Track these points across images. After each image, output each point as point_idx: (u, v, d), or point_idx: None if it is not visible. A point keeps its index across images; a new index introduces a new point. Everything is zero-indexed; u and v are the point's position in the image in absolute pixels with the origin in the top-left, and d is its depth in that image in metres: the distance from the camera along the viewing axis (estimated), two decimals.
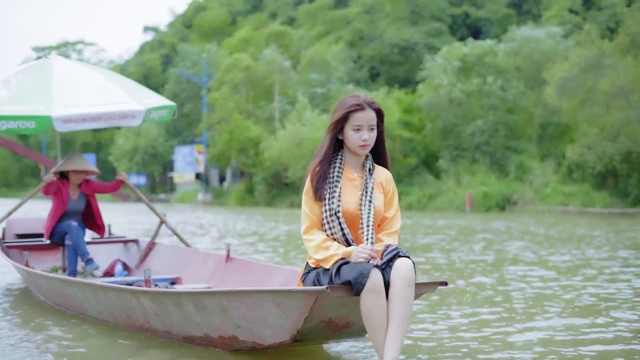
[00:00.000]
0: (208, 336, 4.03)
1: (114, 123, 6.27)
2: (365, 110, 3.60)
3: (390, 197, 3.70)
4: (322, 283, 3.49)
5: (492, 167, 34.43)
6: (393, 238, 3.63)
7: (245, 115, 44.07)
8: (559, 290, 6.68)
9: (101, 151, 65.84)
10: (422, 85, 37.03)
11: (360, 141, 3.59)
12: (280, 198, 39.85)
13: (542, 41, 36.44)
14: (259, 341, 3.76)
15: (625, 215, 26.71)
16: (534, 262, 9.33)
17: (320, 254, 3.52)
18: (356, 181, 3.66)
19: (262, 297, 3.55)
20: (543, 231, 16.14)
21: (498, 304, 5.89)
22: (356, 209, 3.59)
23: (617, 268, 8.59)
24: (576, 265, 8.91)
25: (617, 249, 11.43)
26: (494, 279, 7.55)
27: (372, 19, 51.95)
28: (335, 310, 3.49)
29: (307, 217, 3.62)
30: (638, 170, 30.19)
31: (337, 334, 3.69)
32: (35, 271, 5.71)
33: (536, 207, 29.76)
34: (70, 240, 6.41)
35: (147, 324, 4.51)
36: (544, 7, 48.08)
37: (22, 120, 5.93)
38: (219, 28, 64.98)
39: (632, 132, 28.25)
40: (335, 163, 3.66)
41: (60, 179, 6.59)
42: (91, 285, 4.89)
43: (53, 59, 6.82)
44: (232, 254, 5.91)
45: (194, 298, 3.93)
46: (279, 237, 13.98)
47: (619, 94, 27.86)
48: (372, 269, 3.31)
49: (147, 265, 6.68)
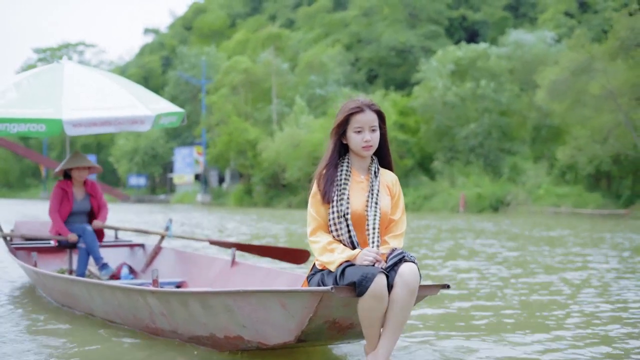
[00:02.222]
0: (214, 336, 4.06)
1: (124, 128, 6.25)
2: (365, 112, 3.67)
3: (397, 200, 3.75)
4: (326, 284, 3.53)
5: (486, 169, 34.92)
6: (399, 240, 3.68)
7: (243, 117, 44.59)
8: (485, 279, 7.39)
9: (102, 152, 66.35)
10: (417, 88, 37.56)
11: (363, 142, 3.64)
12: (278, 199, 40.34)
13: (534, 45, 37.00)
14: (264, 341, 3.79)
15: (614, 216, 27.21)
16: (482, 257, 10.04)
17: (326, 256, 3.57)
18: (363, 183, 3.71)
19: (267, 297, 3.58)
20: (518, 231, 16.69)
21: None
22: (363, 211, 3.63)
23: (560, 265, 9.24)
24: (520, 261, 9.60)
25: (577, 245, 11.98)
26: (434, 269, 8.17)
27: (370, 21, 52.40)
28: (339, 311, 3.53)
29: (314, 219, 3.68)
30: (631, 172, 30.70)
31: (341, 335, 3.73)
32: (43, 271, 5.75)
33: (529, 208, 30.24)
34: (84, 243, 6.41)
35: (154, 324, 4.53)
36: (540, 10, 48.48)
37: (33, 123, 5.92)
38: (218, 30, 65.48)
39: (621, 135, 28.76)
40: (342, 166, 3.71)
41: (64, 180, 6.63)
42: (98, 285, 4.93)
43: (64, 63, 6.83)
44: (237, 258, 5.96)
45: (201, 298, 3.96)
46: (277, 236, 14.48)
47: (608, 97, 28.33)
48: (378, 273, 3.35)
49: (153, 269, 6.93)
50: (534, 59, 36.21)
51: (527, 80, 36.05)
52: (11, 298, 6.35)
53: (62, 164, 6.62)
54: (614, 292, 6.74)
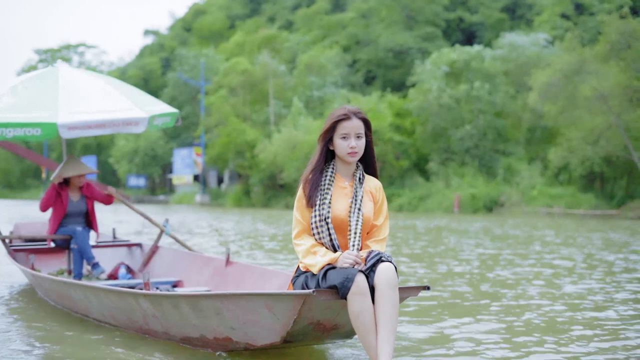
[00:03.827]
0: (204, 337, 4.18)
1: (118, 130, 6.36)
2: (351, 119, 3.77)
3: (380, 205, 3.86)
4: (309, 287, 3.67)
5: (481, 170, 35.25)
6: (381, 245, 3.80)
7: (241, 118, 44.95)
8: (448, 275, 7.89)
9: (102, 153, 66.70)
10: (412, 90, 37.91)
11: (348, 149, 3.75)
12: (276, 199, 40.70)
13: (527, 47, 37.37)
14: (252, 342, 3.92)
15: (605, 216, 27.60)
16: (454, 256, 10.53)
17: (309, 259, 3.71)
18: (347, 189, 3.83)
19: (254, 300, 3.72)
20: (500, 231, 17.08)
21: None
22: (345, 216, 3.75)
23: (520, 261, 9.85)
24: (488, 258, 10.19)
25: (550, 244, 12.38)
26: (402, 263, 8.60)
27: (367, 23, 52.70)
28: (322, 312, 3.66)
29: (298, 222, 3.82)
30: (626, 172, 31.04)
31: (326, 335, 3.87)
32: (40, 274, 5.84)
33: (522, 209, 30.60)
34: (75, 244, 6.57)
35: (147, 326, 4.65)
36: (537, 12, 48.76)
37: (28, 127, 5.99)
38: (217, 32, 65.80)
39: (612, 136, 29.11)
40: (327, 172, 3.84)
41: (60, 184, 6.76)
42: (93, 287, 5.03)
43: (59, 67, 6.94)
44: (231, 257, 6.13)
45: (191, 301, 4.08)
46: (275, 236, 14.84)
47: (600, 99, 28.68)
48: (357, 273, 3.48)
49: (150, 269, 6.97)
50: (528, 61, 36.58)
51: (521, 82, 36.40)
52: (10, 299, 6.43)
53: (59, 168, 6.78)
54: (557, 286, 7.26)
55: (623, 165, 30.72)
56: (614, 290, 7.02)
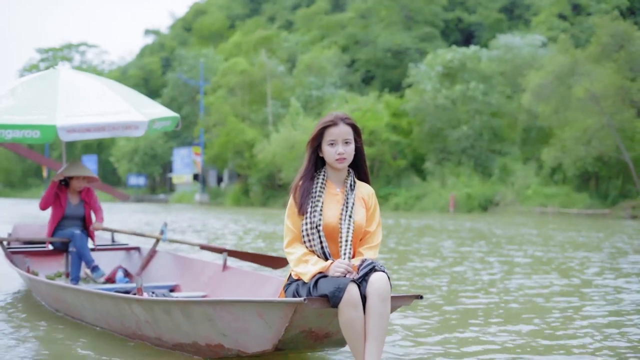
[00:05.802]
0: (196, 344, 4.15)
1: (118, 133, 6.31)
2: (338, 125, 3.73)
3: (372, 212, 3.82)
4: (301, 295, 3.63)
5: (477, 170, 35.55)
6: (374, 251, 3.75)
7: (240, 118, 45.27)
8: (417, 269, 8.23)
9: (103, 152, 67.08)
10: (408, 91, 38.21)
11: (336, 155, 3.72)
12: (274, 199, 41.03)
13: (522, 48, 37.67)
14: (244, 349, 3.89)
15: (597, 215, 27.93)
16: (433, 254, 10.90)
17: (300, 267, 3.66)
18: (338, 196, 3.78)
19: (245, 307, 3.70)
20: (486, 230, 17.40)
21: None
22: (337, 223, 3.71)
23: (493, 258, 10.34)
24: (456, 255, 10.68)
25: (528, 242, 12.74)
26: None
27: (366, 23, 52.99)
28: (314, 321, 3.62)
29: (290, 230, 3.79)
30: (620, 172, 31.33)
31: (318, 343, 3.83)
32: (35, 277, 5.82)
33: (517, 208, 30.90)
34: (74, 247, 6.53)
35: (140, 331, 4.62)
36: (534, 13, 49.01)
37: (28, 129, 5.96)
38: (217, 32, 66.09)
39: (604, 137, 29.42)
40: (318, 179, 3.80)
41: (60, 185, 6.77)
42: (87, 292, 5.01)
43: (59, 69, 6.90)
44: (228, 263, 6.17)
45: (183, 307, 4.06)
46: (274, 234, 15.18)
47: (592, 100, 28.98)
48: (349, 283, 3.43)
49: (148, 273, 6.99)
50: (524, 62, 36.89)
51: (517, 83, 36.69)
52: (6, 302, 6.42)
53: (62, 169, 6.80)
54: (513, 280, 7.77)
55: (617, 165, 31.02)
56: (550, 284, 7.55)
